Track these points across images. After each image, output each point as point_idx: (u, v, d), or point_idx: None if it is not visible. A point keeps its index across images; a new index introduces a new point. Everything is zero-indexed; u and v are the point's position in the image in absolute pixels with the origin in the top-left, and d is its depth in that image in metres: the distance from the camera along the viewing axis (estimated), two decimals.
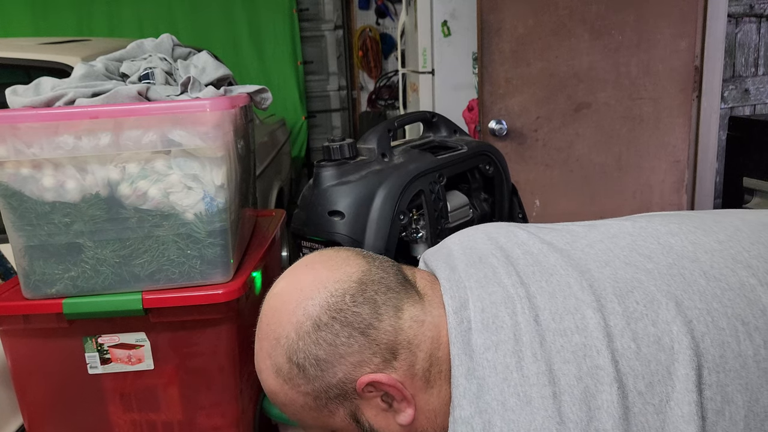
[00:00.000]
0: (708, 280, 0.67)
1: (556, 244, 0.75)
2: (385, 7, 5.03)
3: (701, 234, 0.74)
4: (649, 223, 0.77)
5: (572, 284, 0.68)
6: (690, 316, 0.64)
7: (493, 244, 0.78)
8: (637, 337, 0.63)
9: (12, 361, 1.01)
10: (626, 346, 0.62)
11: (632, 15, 1.97)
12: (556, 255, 0.73)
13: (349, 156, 1.11)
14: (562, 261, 0.72)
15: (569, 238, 0.77)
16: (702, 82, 2.05)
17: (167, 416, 1.04)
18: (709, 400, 0.61)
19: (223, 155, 0.94)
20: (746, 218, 0.78)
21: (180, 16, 4.40)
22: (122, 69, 1.06)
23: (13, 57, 2.00)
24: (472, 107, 2.75)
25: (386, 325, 0.69)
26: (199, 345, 1.01)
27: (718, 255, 0.70)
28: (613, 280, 0.68)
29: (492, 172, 1.30)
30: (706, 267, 0.68)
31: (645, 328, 0.63)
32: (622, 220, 0.82)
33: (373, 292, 0.70)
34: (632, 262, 0.70)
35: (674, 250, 0.71)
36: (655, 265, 0.69)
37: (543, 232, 0.79)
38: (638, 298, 0.66)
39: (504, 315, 0.66)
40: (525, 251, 0.75)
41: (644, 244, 0.73)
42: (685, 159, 2.04)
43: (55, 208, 0.93)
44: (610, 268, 0.70)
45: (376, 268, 0.73)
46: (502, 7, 2.02)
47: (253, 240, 1.21)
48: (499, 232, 0.80)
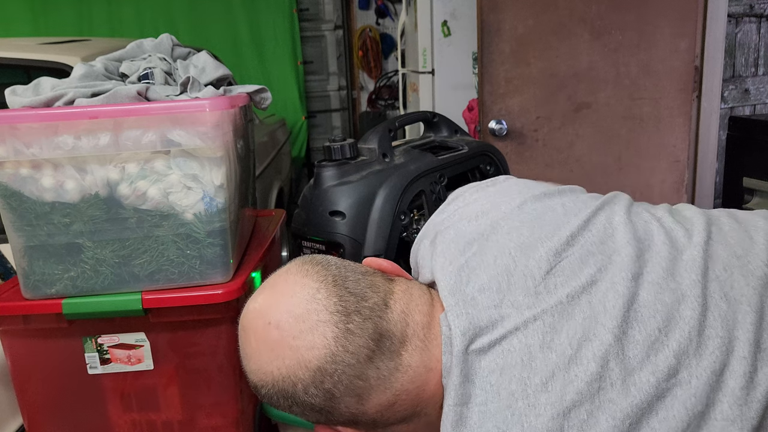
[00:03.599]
0: (729, 304, 0.65)
1: (582, 245, 0.70)
2: (385, 7, 5.02)
3: (720, 248, 0.71)
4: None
5: (594, 303, 0.65)
6: (711, 346, 0.62)
7: (516, 236, 0.72)
8: (657, 370, 0.60)
9: (12, 361, 1.00)
10: (644, 380, 0.60)
11: (632, 15, 1.97)
12: (582, 263, 0.68)
13: (349, 156, 1.11)
14: (586, 269, 0.68)
15: (601, 236, 0.71)
16: (702, 82, 2.05)
17: (167, 416, 1.04)
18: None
19: (222, 155, 0.94)
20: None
21: (180, 16, 4.39)
22: (122, 69, 1.06)
23: (13, 57, 1.99)
24: (472, 107, 2.75)
25: (343, 411, 0.67)
26: (198, 345, 1.01)
27: (738, 272, 0.67)
28: (636, 302, 0.65)
29: (493, 172, 1.30)
30: (726, 287, 0.66)
31: (666, 360, 0.61)
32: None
33: (332, 384, 0.65)
34: (656, 280, 0.67)
35: (696, 266, 0.68)
36: (677, 285, 0.66)
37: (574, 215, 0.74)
38: (660, 324, 0.63)
39: (513, 339, 0.63)
40: (552, 250, 0.69)
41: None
42: (685, 159, 2.04)
43: (54, 209, 0.93)
44: (635, 284, 0.66)
45: (344, 351, 0.64)
46: (502, 7, 2.01)
47: (253, 240, 1.21)
48: (531, 213, 0.75)
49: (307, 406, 0.66)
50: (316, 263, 0.70)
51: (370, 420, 0.68)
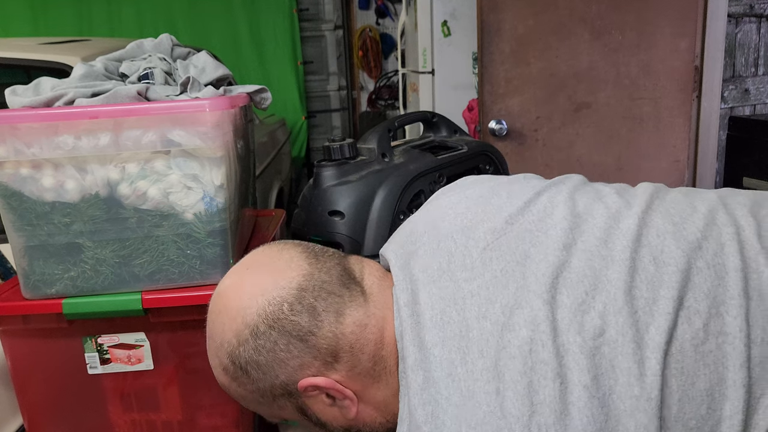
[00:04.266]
0: (657, 266, 0.67)
1: (520, 224, 0.74)
2: (385, 7, 5.03)
3: (658, 216, 0.74)
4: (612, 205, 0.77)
5: (527, 274, 0.68)
6: (636, 306, 0.65)
7: (459, 221, 0.77)
8: (583, 330, 0.63)
9: (12, 361, 1.01)
10: (572, 341, 0.63)
11: (632, 15, 1.97)
12: (519, 240, 0.73)
13: (349, 156, 1.11)
14: (522, 245, 0.72)
15: (540, 215, 0.76)
16: (702, 82, 2.05)
17: (167, 416, 1.04)
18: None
19: (222, 155, 0.94)
20: (707, 196, 0.78)
21: (180, 16, 4.40)
22: (122, 69, 1.06)
23: (13, 57, 2.00)
24: (472, 107, 2.75)
25: (326, 332, 0.70)
26: (199, 345, 1.01)
27: (670, 237, 0.70)
28: (566, 270, 0.68)
29: (492, 172, 1.30)
30: (656, 252, 0.69)
31: (592, 321, 0.64)
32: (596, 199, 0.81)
33: (313, 298, 0.71)
34: (588, 248, 0.70)
35: (629, 233, 0.71)
36: (609, 252, 0.69)
37: (515, 198, 0.79)
38: (588, 288, 0.66)
39: (452, 312, 0.67)
40: (490, 230, 0.74)
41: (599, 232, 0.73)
42: (685, 159, 2.04)
43: (54, 208, 0.93)
44: (566, 253, 0.70)
45: (318, 271, 0.73)
46: (502, 7, 2.02)
47: (253, 240, 1.21)
48: (477, 199, 0.80)
49: (294, 331, 0.70)
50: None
51: (348, 347, 0.71)
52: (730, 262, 0.67)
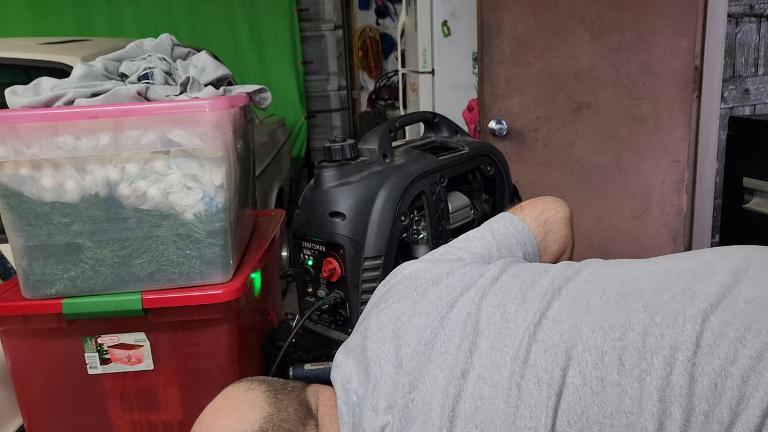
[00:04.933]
0: (540, 389, 0.69)
1: (433, 346, 0.78)
2: (385, 7, 5.03)
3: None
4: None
5: (433, 405, 0.72)
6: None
7: (385, 347, 0.81)
8: None
9: (12, 361, 1.00)
10: None
11: (632, 15, 1.97)
12: (431, 366, 0.76)
13: (350, 157, 1.11)
14: (433, 370, 0.76)
15: (449, 335, 0.78)
16: (702, 82, 2.05)
17: (167, 416, 1.04)
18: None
19: (222, 155, 0.94)
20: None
21: (180, 16, 4.39)
22: (121, 69, 1.06)
23: (13, 57, 1.99)
24: (472, 107, 2.75)
25: None
26: (198, 345, 1.01)
27: (551, 356, 0.71)
28: (461, 400, 0.72)
29: (493, 172, 1.30)
30: (540, 372, 0.70)
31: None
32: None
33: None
34: (481, 374, 0.73)
35: (519, 354, 0.73)
36: (499, 377, 0.72)
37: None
38: (478, 422, 0.69)
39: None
40: (408, 355, 0.78)
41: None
42: (685, 159, 2.04)
43: (54, 209, 0.93)
44: (463, 381, 0.73)
45: (278, 411, 0.79)
46: (502, 7, 2.01)
47: (253, 240, 1.21)
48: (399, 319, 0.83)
49: None
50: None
51: None
52: (609, 375, 0.66)
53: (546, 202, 1.05)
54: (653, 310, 0.67)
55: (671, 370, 0.62)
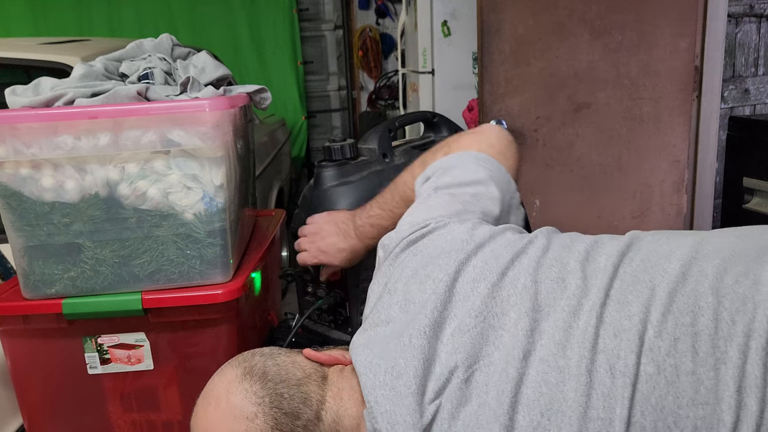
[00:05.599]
0: (613, 378, 0.65)
1: (485, 318, 0.72)
2: (385, 7, 5.02)
3: (615, 309, 0.70)
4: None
5: (489, 388, 0.67)
6: (591, 430, 0.64)
7: (428, 319, 0.73)
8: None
9: (12, 361, 1.00)
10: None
11: (632, 15, 1.97)
12: (482, 340, 0.70)
13: (350, 156, 1.11)
14: (486, 347, 0.70)
15: (503, 308, 0.72)
16: (702, 82, 2.05)
17: (167, 416, 1.04)
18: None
19: (222, 155, 0.94)
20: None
21: (180, 16, 4.39)
22: (121, 69, 1.06)
23: (13, 57, 1.99)
24: (472, 107, 2.75)
25: None
26: (198, 345, 1.01)
27: (625, 338, 0.67)
28: (524, 385, 0.67)
29: None
30: (612, 359, 0.66)
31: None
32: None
33: None
34: (545, 357, 0.68)
35: (587, 338, 0.68)
36: (566, 362, 0.67)
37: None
38: (543, 408, 0.65)
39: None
40: (457, 328, 0.71)
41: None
42: (685, 159, 2.03)
43: (54, 209, 0.93)
44: (525, 364, 0.68)
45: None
46: (502, 7, 2.01)
47: (253, 240, 1.21)
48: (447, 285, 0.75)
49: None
50: (255, 380, 0.75)
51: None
52: (683, 363, 0.62)
53: (484, 132, 0.97)
54: (720, 294, 0.64)
55: (746, 359, 0.59)
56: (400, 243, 0.84)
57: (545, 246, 0.77)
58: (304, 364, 0.78)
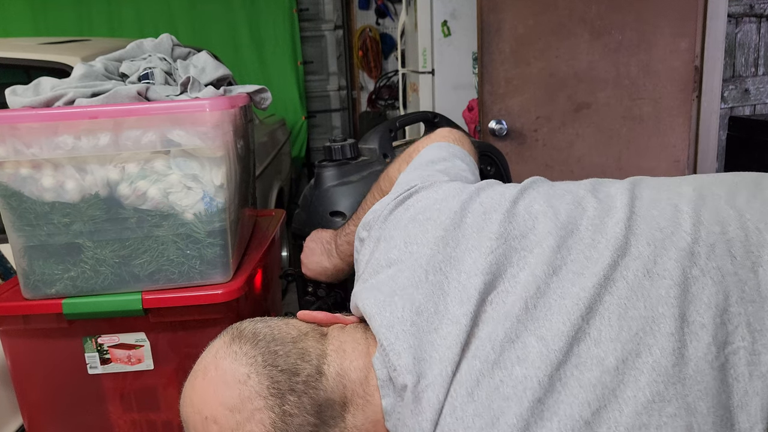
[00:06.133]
0: (652, 281, 0.65)
1: (506, 241, 0.69)
2: (385, 7, 5.02)
3: (643, 223, 0.71)
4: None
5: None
6: (634, 327, 0.63)
7: (443, 251, 0.71)
8: (580, 362, 0.61)
9: (12, 361, 1.00)
10: (569, 374, 0.60)
11: (632, 15, 1.97)
12: (507, 262, 0.68)
13: (350, 156, 1.11)
14: (510, 269, 0.68)
15: (522, 230, 0.71)
16: (702, 82, 2.05)
17: (167, 416, 1.04)
18: None
19: (222, 155, 0.94)
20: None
21: (180, 16, 4.39)
22: (122, 69, 1.06)
23: (13, 57, 1.99)
24: (472, 107, 2.75)
25: None
26: (198, 345, 1.00)
27: (660, 245, 0.67)
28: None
29: (493, 172, 1.30)
30: (649, 264, 0.66)
31: (588, 350, 0.62)
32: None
33: None
34: (578, 270, 0.66)
35: (617, 245, 0.68)
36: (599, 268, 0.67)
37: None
38: (582, 312, 0.63)
39: (463, 368, 0.63)
40: (482, 254, 0.69)
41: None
42: (685, 159, 2.04)
43: (54, 209, 0.93)
44: (557, 278, 0.67)
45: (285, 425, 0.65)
46: (502, 7, 2.01)
47: (253, 240, 1.21)
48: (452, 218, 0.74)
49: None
50: (244, 341, 0.70)
51: None
52: (724, 265, 0.64)
53: (435, 132, 0.98)
54: (739, 209, 0.68)
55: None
56: (387, 207, 0.81)
57: (549, 184, 0.80)
58: (299, 325, 0.73)
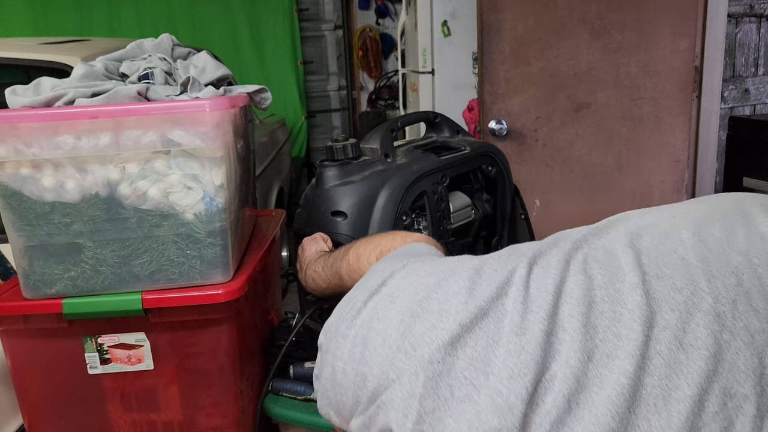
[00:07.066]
0: (686, 353, 0.59)
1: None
2: (385, 7, 5.03)
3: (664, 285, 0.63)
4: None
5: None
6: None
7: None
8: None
9: (12, 361, 1.00)
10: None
11: (632, 15, 1.97)
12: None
13: (351, 156, 1.11)
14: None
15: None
16: (702, 82, 2.05)
17: (167, 416, 1.04)
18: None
19: (222, 155, 0.94)
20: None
21: (180, 16, 4.39)
22: (122, 69, 1.06)
23: (13, 57, 1.99)
24: (472, 107, 2.75)
25: None
26: (199, 345, 1.01)
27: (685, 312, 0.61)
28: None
29: (494, 172, 1.30)
30: (680, 334, 0.60)
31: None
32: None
33: None
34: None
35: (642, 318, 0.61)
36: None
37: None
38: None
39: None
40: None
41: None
42: (685, 159, 2.04)
43: (54, 208, 0.93)
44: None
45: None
46: (502, 7, 2.02)
47: (253, 240, 1.21)
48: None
49: None
50: None
51: None
52: (750, 323, 0.59)
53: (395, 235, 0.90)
54: (745, 253, 0.62)
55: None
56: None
57: (544, 253, 0.68)
58: None
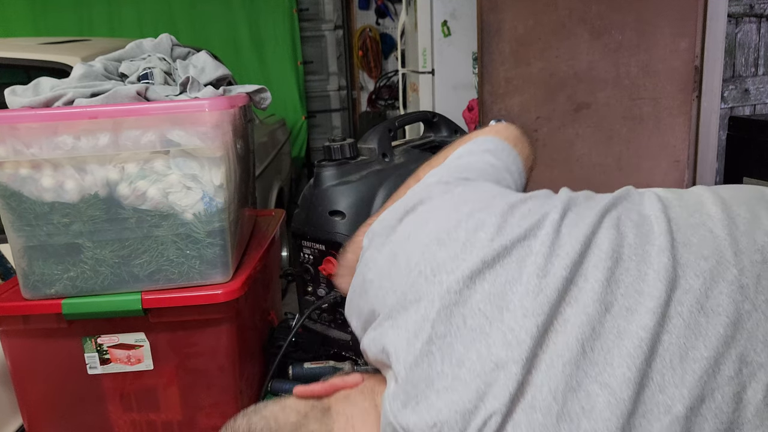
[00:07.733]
0: (707, 318, 0.61)
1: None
2: (385, 7, 5.03)
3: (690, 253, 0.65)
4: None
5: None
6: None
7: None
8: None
9: (12, 361, 1.00)
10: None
11: (632, 15, 1.97)
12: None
13: (349, 156, 1.11)
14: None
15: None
16: (702, 82, 2.05)
17: (167, 416, 1.04)
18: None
19: (222, 155, 0.94)
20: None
21: (180, 16, 4.40)
22: (121, 69, 1.06)
23: (13, 57, 2.00)
24: (472, 107, 2.75)
25: None
26: (198, 345, 1.01)
27: (709, 277, 0.63)
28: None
29: None
30: (702, 299, 0.62)
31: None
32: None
33: None
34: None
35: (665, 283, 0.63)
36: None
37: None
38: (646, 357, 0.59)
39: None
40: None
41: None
42: (685, 159, 2.04)
43: (54, 209, 0.93)
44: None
45: None
46: (502, 7, 2.02)
47: (253, 240, 1.21)
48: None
49: None
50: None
51: None
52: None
53: (490, 126, 0.92)
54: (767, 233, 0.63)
55: None
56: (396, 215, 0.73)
57: (581, 202, 0.73)
58: (297, 405, 0.72)
